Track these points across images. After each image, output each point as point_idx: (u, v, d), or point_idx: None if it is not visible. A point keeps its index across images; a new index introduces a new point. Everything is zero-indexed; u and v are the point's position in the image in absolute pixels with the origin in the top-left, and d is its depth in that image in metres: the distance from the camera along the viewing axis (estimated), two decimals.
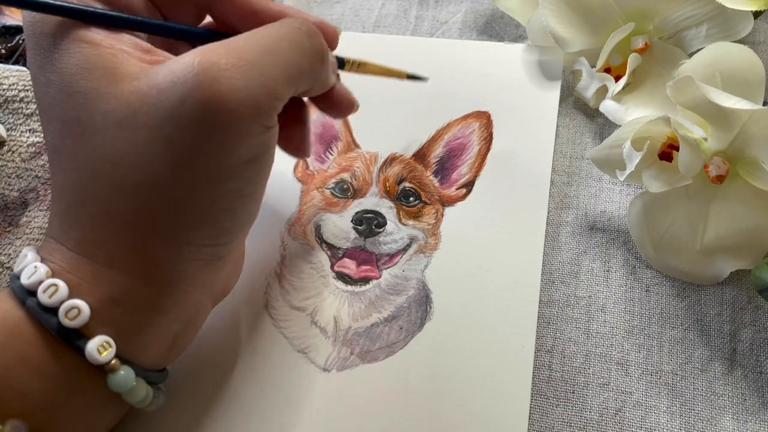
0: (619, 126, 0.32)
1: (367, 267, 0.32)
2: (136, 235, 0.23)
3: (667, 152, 0.30)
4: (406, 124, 0.36)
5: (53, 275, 0.23)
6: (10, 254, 0.34)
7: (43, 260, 0.24)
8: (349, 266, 0.32)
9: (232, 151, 0.23)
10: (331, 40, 0.28)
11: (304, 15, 0.27)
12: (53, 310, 0.23)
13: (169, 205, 0.23)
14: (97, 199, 0.23)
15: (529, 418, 0.28)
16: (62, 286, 0.23)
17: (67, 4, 0.23)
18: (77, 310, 0.23)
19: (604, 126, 0.36)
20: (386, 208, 0.34)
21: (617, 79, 0.35)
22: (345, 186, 0.35)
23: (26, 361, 0.22)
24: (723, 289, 0.31)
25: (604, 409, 0.28)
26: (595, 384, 0.29)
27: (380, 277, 0.32)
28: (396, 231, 0.33)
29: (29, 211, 0.36)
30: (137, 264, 0.24)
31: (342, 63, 0.30)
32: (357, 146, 0.36)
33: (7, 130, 0.38)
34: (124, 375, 0.24)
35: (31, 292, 0.23)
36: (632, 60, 0.34)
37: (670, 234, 0.31)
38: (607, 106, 0.34)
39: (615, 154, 0.31)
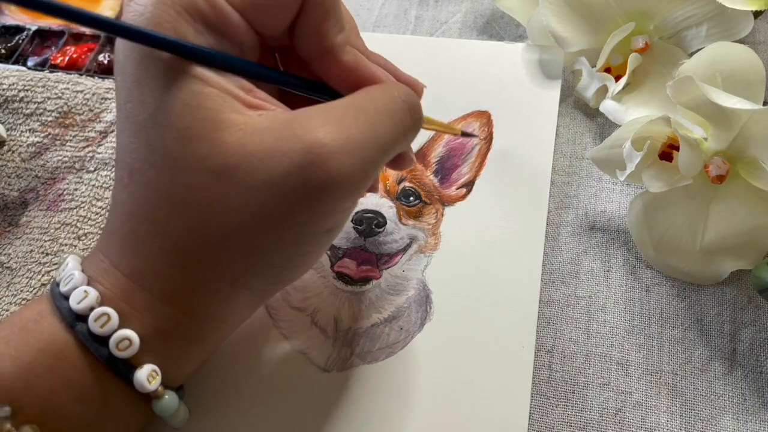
0: (619, 126, 0.32)
1: (367, 267, 0.32)
2: (203, 276, 0.23)
3: (667, 152, 0.29)
4: None
5: (103, 301, 0.23)
6: (9, 254, 0.34)
7: (91, 280, 0.24)
8: (349, 266, 0.32)
9: (321, 223, 0.24)
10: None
11: (400, 74, 0.27)
12: (103, 339, 0.23)
13: (243, 257, 0.23)
14: (170, 236, 0.23)
15: (529, 418, 0.28)
16: (114, 317, 0.23)
17: (178, 41, 0.22)
18: (128, 341, 0.23)
19: (604, 126, 0.36)
20: (386, 207, 0.34)
21: (617, 79, 0.35)
22: None
23: (72, 386, 0.23)
24: (723, 289, 0.31)
25: (604, 409, 0.28)
26: (595, 384, 0.29)
27: (380, 277, 0.32)
28: (396, 231, 0.33)
29: (29, 210, 0.36)
30: (194, 301, 0.24)
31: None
32: None
33: (7, 130, 0.38)
34: (169, 400, 0.24)
35: (80, 316, 0.23)
36: (632, 60, 0.34)
37: (670, 234, 0.31)
38: (607, 106, 0.34)
39: (615, 154, 0.31)
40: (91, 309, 0.23)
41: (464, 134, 0.32)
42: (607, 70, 0.36)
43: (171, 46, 0.22)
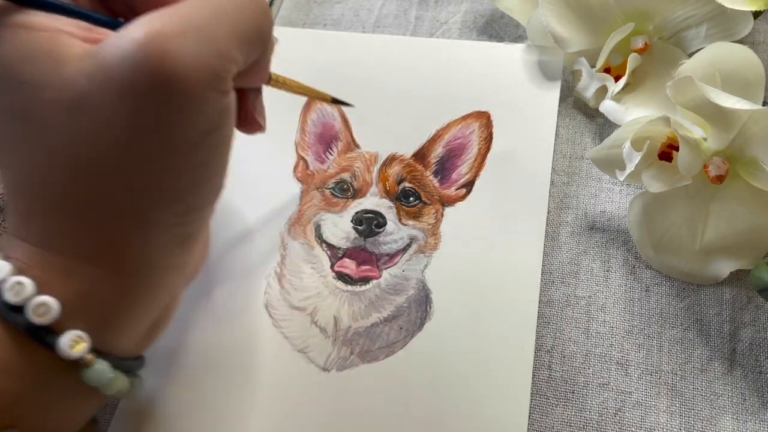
0: (619, 126, 0.32)
1: (367, 267, 0.32)
2: (102, 220, 0.23)
3: (667, 152, 0.30)
4: (406, 124, 0.36)
5: (18, 273, 0.22)
6: None
7: (6, 258, 0.23)
8: (349, 266, 0.32)
9: (190, 121, 0.22)
10: None
11: None
12: (21, 309, 0.22)
13: (132, 185, 0.22)
14: (57, 187, 0.22)
15: (529, 418, 0.28)
16: (28, 283, 0.22)
17: None
18: (46, 306, 0.22)
19: (604, 126, 0.36)
20: (386, 208, 0.34)
21: (617, 79, 0.35)
22: (345, 186, 0.35)
23: None
24: (723, 289, 0.31)
25: (603, 409, 0.28)
26: (594, 384, 0.29)
27: (380, 277, 0.32)
28: (396, 231, 0.33)
29: None
30: (106, 252, 0.23)
31: (269, 77, 0.28)
32: (357, 146, 0.36)
33: None
34: (100, 369, 0.23)
35: None
36: (632, 60, 0.34)
37: (669, 234, 0.31)
38: (607, 106, 0.34)
39: (615, 154, 0.31)
40: (4, 281, 0.22)
41: (335, 101, 0.32)
42: (607, 70, 0.36)
43: None
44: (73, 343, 0.22)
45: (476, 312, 0.31)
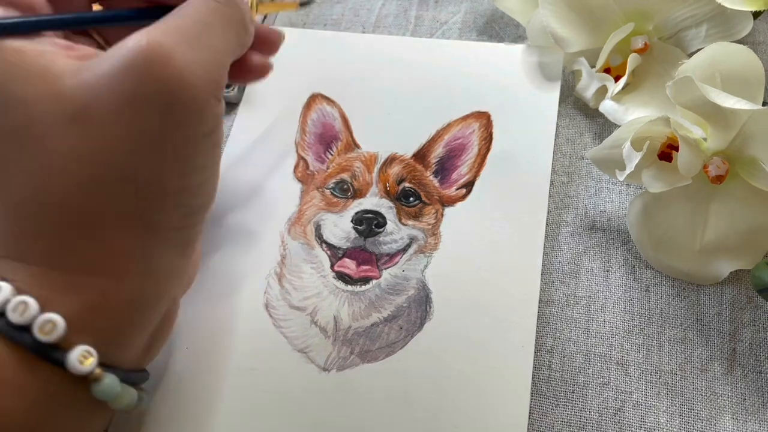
0: (619, 126, 0.32)
1: (367, 267, 0.32)
2: (109, 230, 0.23)
3: (667, 152, 0.30)
4: (406, 124, 0.36)
5: (19, 293, 0.22)
6: None
7: (2, 280, 0.22)
8: (349, 266, 0.32)
9: (194, 127, 0.23)
10: None
11: None
12: (26, 328, 0.22)
13: (138, 192, 0.23)
14: (61, 202, 0.22)
15: (529, 418, 0.28)
16: (32, 303, 0.22)
17: None
18: (52, 323, 0.22)
19: (604, 126, 0.36)
20: (386, 208, 0.34)
21: (617, 79, 0.35)
22: (345, 186, 0.35)
23: (3, 382, 0.22)
24: (723, 289, 0.31)
25: (603, 409, 0.28)
26: (594, 384, 0.29)
27: (380, 277, 0.32)
28: (396, 231, 0.33)
29: None
30: (112, 262, 0.23)
31: None
32: (357, 146, 0.36)
33: None
34: (109, 383, 0.23)
35: None
36: (632, 60, 0.34)
37: (669, 234, 0.31)
38: (607, 106, 0.34)
39: (615, 154, 0.31)
40: (8, 302, 0.22)
41: (302, 4, 0.33)
42: (607, 70, 0.36)
43: None
44: (82, 358, 0.22)
45: (476, 312, 0.31)
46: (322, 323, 0.31)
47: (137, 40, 0.22)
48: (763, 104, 0.30)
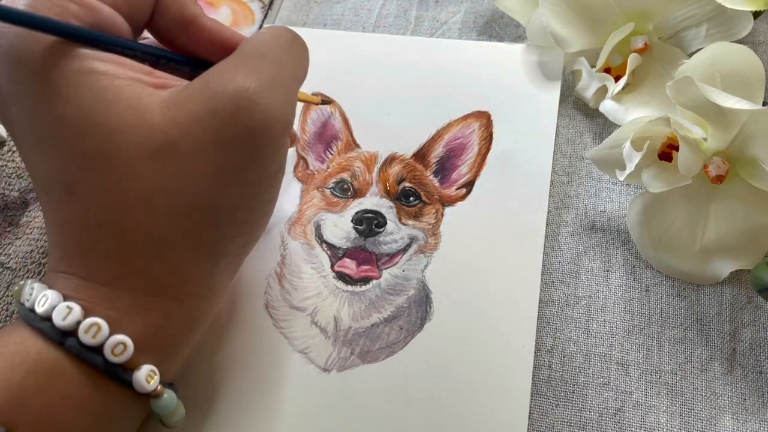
0: (619, 126, 0.32)
1: (367, 267, 0.32)
2: (181, 255, 0.24)
3: (667, 152, 0.30)
4: (406, 124, 0.36)
5: (87, 313, 0.23)
6: (10, 254, 0.34)
7: (67, 297, 0.23)
8: (349, 266, 0.32)
9: (270, 164, 0.25)
10: None
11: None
12: (97, 348, 0.23)
13: (214, 223, 0.24)
14: (137, 227, 0.23)
15: (529, 418, 0.28)
16: (104, 325, 0.23)
17: (73, 27, 0.23)
18: (123, 346, 0.23)
19: (604, 126, 0.36)
20: (386, 208, 0.34)
21: (617, 79, 0.35)
22: (345, 186, 0.35)
23: (68, 399, 0.22)
24: (723, 289, 0.31)
25: (603, 409, 0.28)
26: (594, 384, 0.29)
27: (380, 277, 0.32)
28: (396, 231, 0.33)
29: (29, 211, 0.36)
30: (180, 285, 0.24)
31: None
32: (357, 146, 0.36)
33: None
34: (168, 398, 0.24)
35: (67, 332, 0.23)
36: (632, 60, 0.34)
37: (669, 234, 0.31)
38: (607, 106, 0.34)
39: (615, 154, 0.31)
40: (79, 322, 0.22)
41: (324, 102, 0.35)
42: (607, 70, 0.36)
43: (74, 34, 0.22)
44: (149, 377, 0.23)
45: (476, 312, 0.31)
46: (323, 324, 0.31)
47: (224, 86, 0.23)
48: (763, 104, 0.30)
